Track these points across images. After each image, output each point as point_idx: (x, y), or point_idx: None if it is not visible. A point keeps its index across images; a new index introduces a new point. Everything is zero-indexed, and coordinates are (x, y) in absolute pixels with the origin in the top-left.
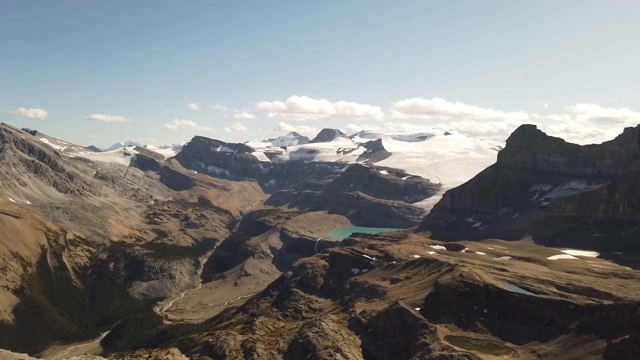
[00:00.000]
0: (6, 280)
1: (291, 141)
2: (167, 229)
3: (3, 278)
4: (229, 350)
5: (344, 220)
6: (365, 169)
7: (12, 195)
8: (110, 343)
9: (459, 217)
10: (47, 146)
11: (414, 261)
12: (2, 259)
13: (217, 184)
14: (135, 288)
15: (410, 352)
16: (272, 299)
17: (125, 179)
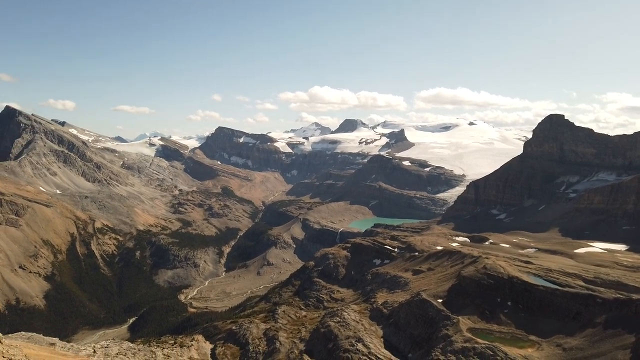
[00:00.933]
0: (38, 267)
1: (313, 132)
2: (192, 219)
3: (35, 264)
4: (251, 338)
5: (366, 211)
6: (387, 160)
7: (43, 184)
8: (137, 329)
9: (483, 208)
10: (75, 137)
11: (437, 253)
12: (33, 246)
13: (240, 174)
14: (160, 276)
15: (432, 343)
16: (294, 289)
17: (151, 169)
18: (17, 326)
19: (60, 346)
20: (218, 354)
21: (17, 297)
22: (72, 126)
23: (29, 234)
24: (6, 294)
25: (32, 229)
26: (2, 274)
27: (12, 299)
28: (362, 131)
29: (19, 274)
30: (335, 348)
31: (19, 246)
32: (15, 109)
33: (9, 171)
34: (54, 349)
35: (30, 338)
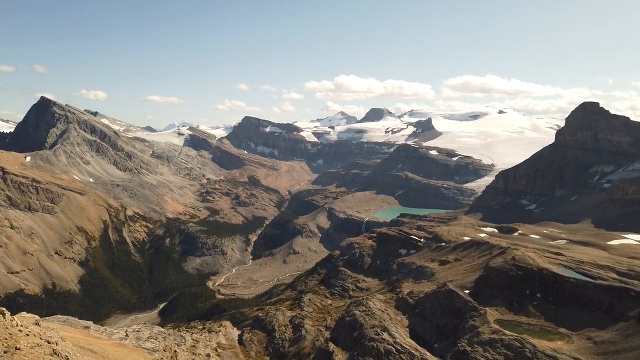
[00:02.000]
0: (72, 253)
1: (339, 121)
2: (219, 207)
3: (70, 250)
4: (278, 325)
5: (392, 201)
6: (414, 149)
7: (77, 173)
8: (167, 314)
9: (513, 199)
10: (107, 126)
11: (464, 243)
12: (68, 232)
13: (266, 163)
14: (189, 263)
15: (458, 334)
16: (319, 277)
17: (180, 159)
18: (53, 309)
19: (94, 329)
20: (245, 340)
21: (54, 281)
22: (104, 116)
23: (64, 221)
24: (43, 279)
25: (67, 216)
26: (39, 259)
27: (48, 284)
28: (389, 120)
29: (55, 260)
30: (361, 337)
31: (55, 232)
32: (50, 99)
33: (44, 160)
34: (88, 332)
35: (66, 321)
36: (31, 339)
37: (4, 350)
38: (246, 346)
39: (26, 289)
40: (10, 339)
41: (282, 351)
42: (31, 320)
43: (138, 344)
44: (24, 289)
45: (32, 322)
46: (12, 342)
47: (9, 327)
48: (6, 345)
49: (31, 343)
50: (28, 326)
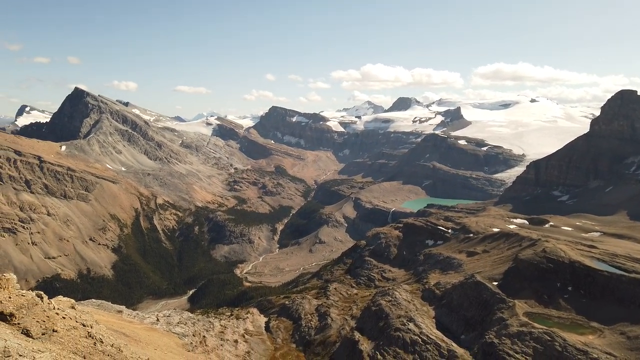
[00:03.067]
0: (106, 240)
1: (365, 110)
2: (246, 196)
3: (103, 237)
4: (304, 313)
5: (419, 191)
6: (442, 139)
7: (110, 162)
8: (196, 300)
9: (544, 190)
10: (138, 116)
11: (493, 234)
12: (102, 220)
13: (293, 153)
14: (217, 251)
15: (486, 326)
16: (345, 267)
17: (208, 148)
18: (88, 294)
19: (127, 314)
20: (272, 327)
21: (88, 267)
22: (135, 106)
23: (97, 209)
24: (78, 264)
25: (100, 203)
26: (74, 245)
27: (83, 269)
28: (416, 109)
29: (90, 246)
30: (387, 327)
31: (89, 220)
32: (84, 90)
33: (79, 149)
34: (121, 316)
35: (100, 305)
36: (67, 321)
37: (42, 332)
38: (273, 333)
39: (62, 273)
40: (47, 321)
41: (308, 339)
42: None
43: (168, 328)
44: (60, 274)
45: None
46: (49, 325)
47: (46, 310)
48: (44, 327)
49: (67, 326)
50: (64, 309)
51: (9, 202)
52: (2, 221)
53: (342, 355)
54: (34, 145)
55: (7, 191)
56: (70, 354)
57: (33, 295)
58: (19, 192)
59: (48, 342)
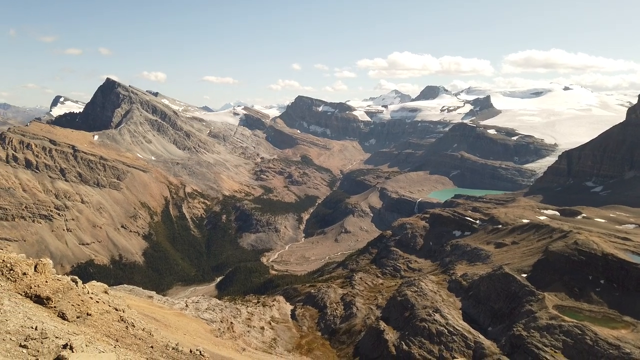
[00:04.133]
0: (137, 227)
1: (392, 100)
2: (273, 186)
3: (134, 225)
4: (329, 302)
5: (446, 182)
6: (471, 128)
7: (140, 151)
8: (224, 287)
9: (577, 180)
10: (167, 107)
11: (522, 226)
12: (133, 207)
13: (319, 142)
14: (244, 239)
15: (514, 318)
16: (371, 257)
17: (235, 138)
18: (120, 279)
19: (157, 299)
20: (298, 315)
21: (120, 253)
22: (164, 96)
23: (129, 197)
24: (111, 250)
25: (131, 192)
26: (107, 232)
27: (116, 255)
28: (444, 98)
29: (121, 233)
30: (412, 317)
31: (121, 207)
32: (115, 80)
33: (110, 138)
34: (152, 301)
35: (132, 290)
36: (101, 306)
37: (77, 315)
38: (298, 321)
39: (96, 259)
40: (82, 305)
41: (334, 327)
42: (100, 288)
43: (197, 314)
44: (93, 260)
45: (101, 290)
46: (84, 308)
47: (81, 295)
48: (79, 310)
49: (101, 310)
50: (98, 294)
51: (45, 190)
52: (39, 208)
53: (367, 344)
54: (68, 135)
55: (43, 179)
56: (103, 337)
57: (68, 279)
58: (54, 180)
59: (82, 325)
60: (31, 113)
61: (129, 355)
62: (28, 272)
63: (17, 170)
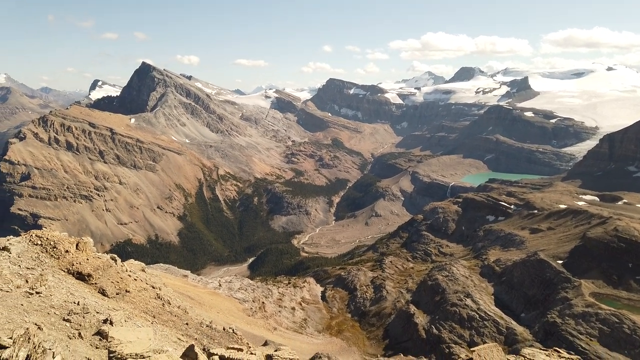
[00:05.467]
0: (172, 208)
1: (425, 81)
2: (303, 169)
3: (170, 206)
4: (359, 284)
5: (480, 165)
6: (507, 110)
7: (175, 134)
8: (256, 268)
9: (618, 165)
10: (200, 90)
11: (559, 211)
12: (168, 189)
13: (350, 126)
14: (276, 221)
15: (548, 305)
16: (401, 240)
17: (266, 121)
18: (156, 258)
19: (192, 278)
20: (328, 297)
21: (156, 233)
22: (197, 80)
23: (164, 179)
24: (147, 230)
25: (166, 174)
26: (143, 212)
27: (152, 235)
28: (480, 80)
29: (157, 214)
30: (443, 301)
31: (157, 189)
32: (150, 64)
33: (146, 121)
34: (187, 280)
35: (167, 269)
36: (138, 283)
37: (116, 291)
38: (329, 302)
39: (133, 238)
40: (121, 282)
41: (363, 310)
42: (138, 267)
43: (230, 293)
44: (131, 239)
45: (139, 268)
46: (122, 285)
47: (120, 272)
48: (118, 287)
49: (138, 287)
50: (135, 272)
51: (85, 171)
52: (79, 189)
53: (396, 327)
54: (106, 118)
55: (83, 161)
56: (141, 312)
57: (108, 258)
58: (93, 161)
59: (122, 301)
60: (71, 96)
61: (165, 331)
62: (70, 249)
63: (59, 152)
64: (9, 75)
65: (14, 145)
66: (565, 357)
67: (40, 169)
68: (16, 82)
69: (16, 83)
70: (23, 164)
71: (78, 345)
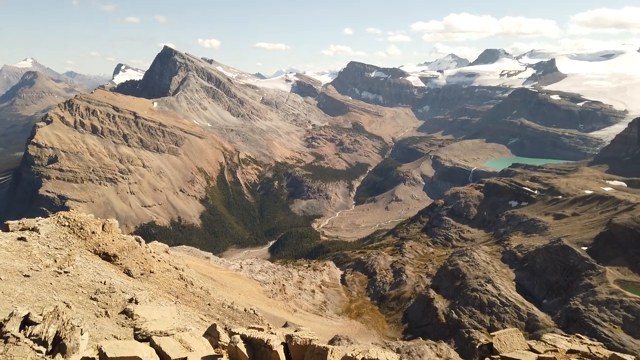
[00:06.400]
0: (194, 191)
1: (448, 64)
2: (324, 153)
3: (192, 189)
4: (379, 268)
5: (504, 150)
6: (532, 94)
7: (196, 118)
8: (276, 251)
9: None
10: (221, 74)
11: (584, 197)
12: (190, 172)
13: (371, 109)
14: (296, 205)
15: (571, 292)
16: (421, 225)
17: (287, 105)
18: (179, 240)
19: (214, 260)
20: (347, 280)
21: (179, 215)
22: (219, 64)
23: (186, 162)
24: (170, 213)
25: (188, 157)
26: (167, 195)
27: (175, 217)
28: (505, 62)
29: (180, 197)
30: (463, 286)
31: (179, 172)
32: (172, 48)
33: (168, 105)
34: (209, 262)
35: (190, 251)
36: (162, 264)
37: (141, 272)
38: (348, 286)
39: (157, 221)
40: (145, 263)
41: (383, 293)
42: (162, 248)
43: (251, 275)
44: (155, 221)
45: (162, 250)
46: (147, 266)
47: (144, 253)
48: (142, 268)
49: (162, 268)
50: (159, 253)
51: (109, 155)
52: (104, 172)
53: (416, 311)
54: (129, 102)
55: (108, 144)
56: (165, 293)
57: (132, 239)
58: (117, 145)
59: (146, 281)
60: (95, 81)
61: (188, 311)
62: (96, 231)
63: (85, 135)
64: (35, 60)
65: (42, 128)
66: (588, 344)
67: (67, 152)
68: (42, 67)
69: (42, 67)
70: (50, 147)
71: (105, 323)
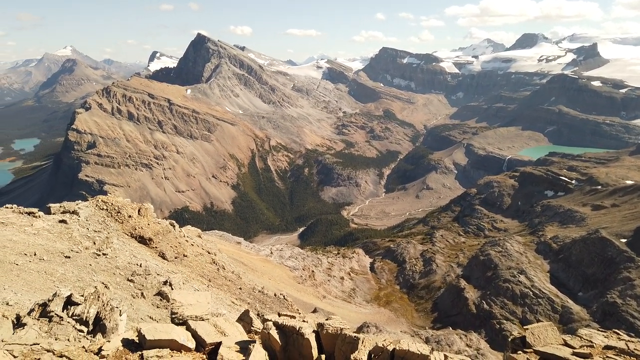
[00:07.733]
0: (226, 177)
1: (484, 49)
2: (354, 140)
3: (224, 175)
4: (408, 257)
5: (540, 138)
6: (572, 80)
7: (228, 105)
8: (306, 237)
9: None
10: (253, 61)
11: (625, 187)
12: (222, 159)
13: (402, 96)
14: (326, 192)
15: (608, 285)
16: (453, 214)
17: (318, 92)
18: (211, 225)
19: (245, 245)
20: (376, 268)
21: (212, 201)
22: (250, 51)
23: (218, 149)
24: (203, 198)
25: (221, 144)
26: (199, 181)
27: (207, 203)
28: (543, 47)
29: (212, 183)
30: (495, 277)
31: (211, 158)
32: (205, 36)
33: (201, 92)
34: (240, 247)
35: (222, 236)
36: (195, 248)
37: (175, 255)
38: (377, 273)
39: (190, 206)
40: (179, 247)
41: (412, 282)
42: (195, 232)
43: (281, 261)
44: (188, 206)
45: (195, 234)
46: (180, 250)
47: (178, 237)
48: (176, 252)
49: (195, 252)
50: (192, 237)
51: (145, 141)
52: (140, 157)
53: (446, 300)
54: (164, 89)
55: (144, 130)
56: (198, 276)
57: (167, 223)
58: (153, 131)
59: (180, 265)
60: (131, 68)
61: (220, 294)
62: (133, 215)
63: (121, 121)
64: (74, 48)
65: (81, 115)
66: (626, 340)
67: (105, 138)
68: (81, 54)
69: (81, 55)
70: (89, 132)
71: (141, 304)
